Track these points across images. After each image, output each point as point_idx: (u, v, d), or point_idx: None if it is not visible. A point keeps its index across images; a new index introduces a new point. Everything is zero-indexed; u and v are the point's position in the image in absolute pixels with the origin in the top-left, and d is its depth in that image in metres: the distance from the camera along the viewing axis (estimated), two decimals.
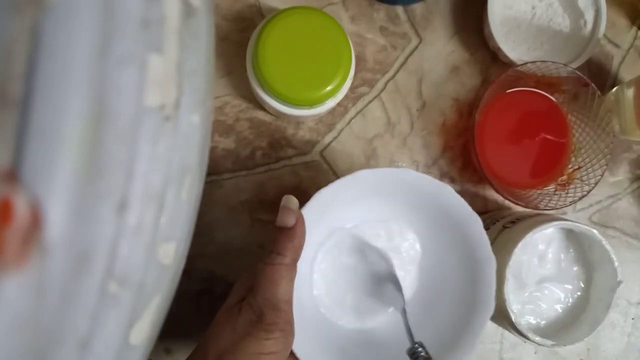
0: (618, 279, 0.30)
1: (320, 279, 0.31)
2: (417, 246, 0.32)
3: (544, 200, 0.33)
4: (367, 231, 0.31)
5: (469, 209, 0.27)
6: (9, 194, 0.10)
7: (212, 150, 0.34)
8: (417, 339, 0.26)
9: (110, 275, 0.11)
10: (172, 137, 0.12)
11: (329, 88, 0.29)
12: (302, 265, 0.27)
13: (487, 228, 0.31)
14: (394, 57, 0.36)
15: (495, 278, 0.27)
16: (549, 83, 0.34)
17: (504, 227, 0.32)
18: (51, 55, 0.10)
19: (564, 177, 0.34)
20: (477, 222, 0.27)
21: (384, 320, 0.31)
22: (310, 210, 0.26)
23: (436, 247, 0.31)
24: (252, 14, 0.34)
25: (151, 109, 0.11)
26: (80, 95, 0.10)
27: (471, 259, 0.28)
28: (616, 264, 0.30)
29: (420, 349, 0.26)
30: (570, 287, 0.33)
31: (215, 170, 0.34)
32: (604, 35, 0.35)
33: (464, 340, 0.27)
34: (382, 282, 0.31)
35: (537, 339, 0.30)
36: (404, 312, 0.28)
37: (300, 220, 0.25)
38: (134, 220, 0.11)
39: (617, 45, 0.37)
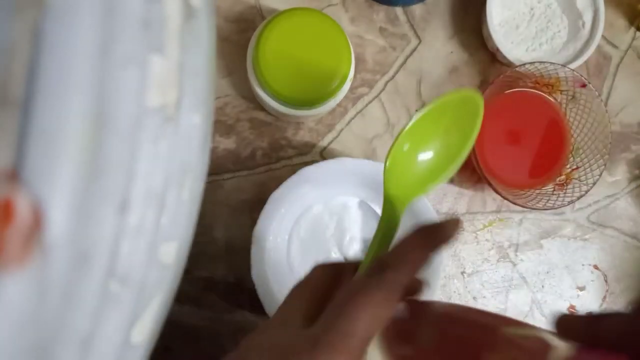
0: None
1: (297, 251, 0.34)
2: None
3: (542, 200, 0.33)
4: (341, 202, 0.34)
5: (430, 208, 0.32)
6: (11, 194, 0.10)
7: (213, 150, 0.34)
8: None
9: (112, 275, 0.11)
10: (173, 137, 0.12)
11: (328, 89, 0.29)
12: (279, 239, 0.32)
13: None
14: (394, 57, 0.36)
15: None
16: (547, 84, 0.34)
17: None
18: (52, 55, 0.10)
19: (563, 177, 0.34)
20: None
21: None
22: (293, 183, 0.30)
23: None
24: (253, 15, 0.35)
25: (152, 109, 0.11)
26: (82, 96, 0.10)
27: None
28: None
29: None
30: None
31: (216, 170, 0.34)
32: (602, 36, 0.35)
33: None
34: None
35: None
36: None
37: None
38: (135, 220, 0.11)
39: (615, 46, 0.37)
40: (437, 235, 0.17)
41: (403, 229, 0.32)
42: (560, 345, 0.14)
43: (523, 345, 0.15)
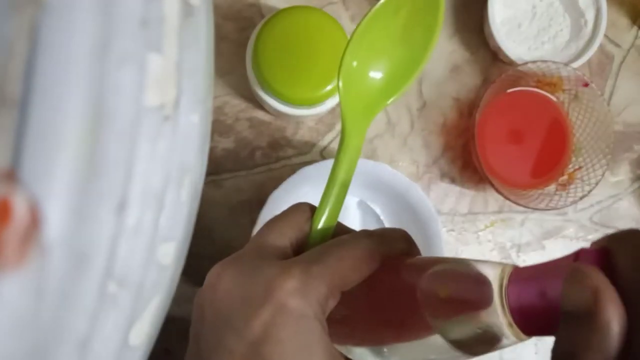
0: None
1: None
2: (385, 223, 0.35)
3: (544, 200, 0.33)
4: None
5: (432, 208, 0.31)
6: (8, 194, 0.10)
7: (212, 150, 0.34)
8: None
9: (110, 276, 0.11)
10: (172, 137, 0.12)
11: (328, 88, 0.29)
12: None
13: None
14: None
15: None
16: (549, 83, 0.34)
17: None
18: (50, 54, 0.10)
19: (565, 177, 0.34)
20: (436, 221, 0.31)
21: None
22: (292, 183, 0.30)
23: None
24: (252, 13, 0.34)
25: (150, 109, 0.11)
26: (79, 95, 0.10)
27: (426, 248, 0.32)
28: None
29: None
30: None
31: (215, 170, 0.34)
32: (605, 35, 0.35)
33: None
34: None
35: None
36: None
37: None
38: (133, 220, 0.11)
39: (617, 45, 0.37)
40: (413, 247, 0.19)
41: (397, 211, 0.32)
42: (492, 274, 0.14)
43: (459, 278, 0.15)
